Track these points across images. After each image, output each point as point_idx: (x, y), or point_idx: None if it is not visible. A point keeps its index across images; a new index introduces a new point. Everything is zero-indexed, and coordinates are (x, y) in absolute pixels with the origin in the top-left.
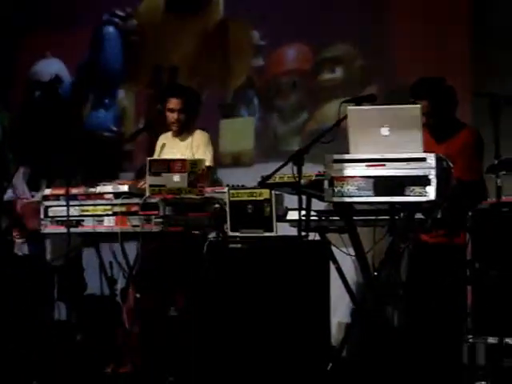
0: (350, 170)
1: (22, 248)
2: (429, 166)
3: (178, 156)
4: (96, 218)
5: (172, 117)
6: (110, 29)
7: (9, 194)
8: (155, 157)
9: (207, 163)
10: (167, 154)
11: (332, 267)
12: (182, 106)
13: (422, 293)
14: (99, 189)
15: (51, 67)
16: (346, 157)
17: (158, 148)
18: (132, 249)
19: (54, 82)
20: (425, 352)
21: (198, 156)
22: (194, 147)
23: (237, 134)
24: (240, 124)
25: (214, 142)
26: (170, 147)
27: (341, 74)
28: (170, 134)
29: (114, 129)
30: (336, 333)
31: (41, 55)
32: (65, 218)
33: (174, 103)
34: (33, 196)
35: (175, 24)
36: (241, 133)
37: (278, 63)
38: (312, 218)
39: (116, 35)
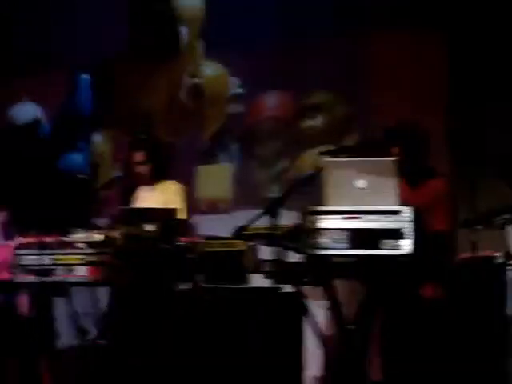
0: (326, 222)
1: None
2: (403, 219)
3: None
4: (68, 268)
5: (137, 170)
6: (84, 75)
7: None
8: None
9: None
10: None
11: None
12: (146, 159)
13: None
14: (72, 237)
15: (27, 111)
16: (322, 209)
17: (135, 199)
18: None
19: (32, 125)
20: None
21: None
22: (166, 199)
23: (213, 180)
24: (217, 170)
25: (191, 188)
26: (144, 199)
27: (321, 121)
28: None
29: (87, 171)
30: None
31: (16, 100)
32: (37, 267)
33: (137, 156)
34: (7, 245)
35: (149, 70)
36: (217, 179)
37: (259, 110)
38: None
39: (89, 81)
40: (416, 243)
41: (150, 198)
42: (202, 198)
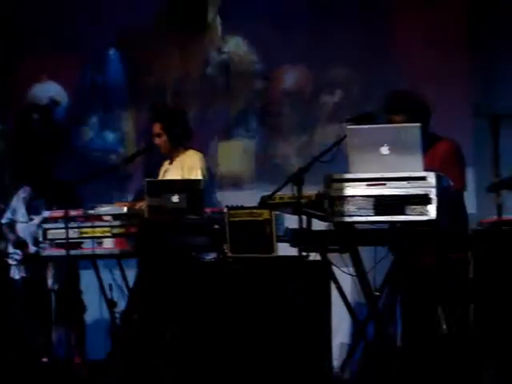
0: (350, 190)
1: (18, 271)
2: (429, 184)
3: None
4: (95, 240)
5: (156, 141)
6: (112, 51)
7: (7, 217)
8: None
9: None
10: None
11: (333, 287)
12: (163, 130)
13: (422, 311)
14: (97, 211)
15: (48, 90)
16: (346, 176)
17: (160, 173)
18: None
19: (50, 105)
20: (427, 372)
21: (190, 177)
22: (185, 169)
23: (236, 156)
24: (239, 146)
25: (214, 164)
26: (166, 171)
27: (340, 96)
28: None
29: (120, 151)
30: (338, 354)
31: (37, 78)
32: (64, 241)
33: (155, 128)
34: (32, 219)
35: (177, 44)
36: (240, 155)
37: (278, 85)
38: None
39: (118, 58)
40: (439, 208)
41: (170, 170)
42: (225, 174)
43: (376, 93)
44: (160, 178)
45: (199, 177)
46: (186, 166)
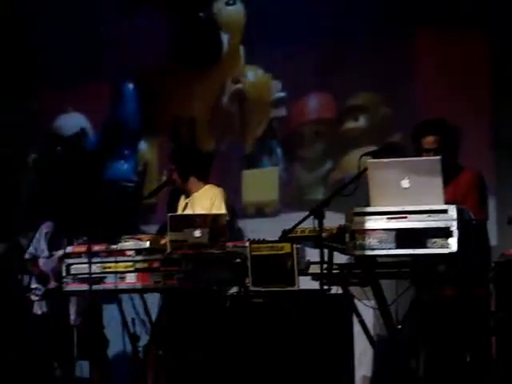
0: (372, 223)
1: (40, 306)
2: (450, 217)
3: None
4: (118, 275)
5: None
6: (129, 85)
7: (30, 252)
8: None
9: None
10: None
11: (355, 320)
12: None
13: (445, 344)
14: (120, 245)
15: (73, 121)
16: (367, 210)
17: (179, 208)
18: (154, 304)
19: (78, 136)
20: None
21: (213, 210)
22: (200, 203)
23: (260, 184)
24: (264, 175)
25: (237, 192)
26: (185, 206)
27: (364, 122)
28: None
29: (134, 179)
30: None
31: (62, 110)
32: (86, 276)
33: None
34: (52, 255)
35: (193, 76)
36: (264, 183)
37: (301, 113)
38: (334, 271)
39: (134, 90)
40: (462, 241)
41: (188, 205)
42: (249, 202)
43: (401, 118)
44: (179, 212)
45: (219, 210)
46: (203, 201)
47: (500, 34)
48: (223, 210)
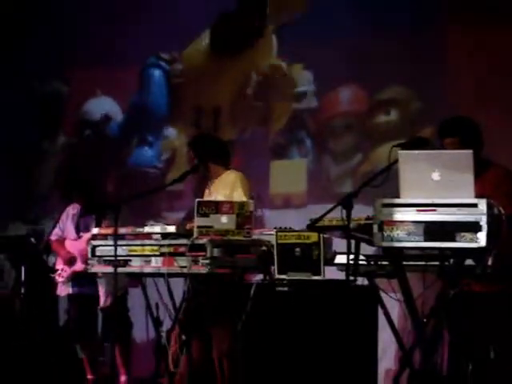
0: (400, 215)
1: (65, 288)
2: (480, 211)
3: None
4: (143, 258)
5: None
6: (156, 71)
7: (56, 233)
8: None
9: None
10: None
11: (380, 313)
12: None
13: (470, 340)
14: (147, 229)
15: (102, 106)
16: (396, 201)
17: (205, 194)
18: (178, 289)
19: (103, 121)
20: None
21: (235, 197)
22: (222, 188)
23: (289, 175)
24: (292, 166)
25: (265, 183)
26: (210, 191)
27: (396, 116)
28: None
29: (159, 165)
30: (383, 380)
31: (91, 93)
32: (112, 258)
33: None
34: (80, 236)
35: (219, 64)
36: (293, 175)
37: (333, 105)
38: (360, 262)
39: (161, 77)
40: (491, 236)
41: (211, 190)
42: (276, 193)
43: (431, 112)
44: (205, 197)
45: (240, 195)
46: (223, 186)
47: None
48: (242, 194)
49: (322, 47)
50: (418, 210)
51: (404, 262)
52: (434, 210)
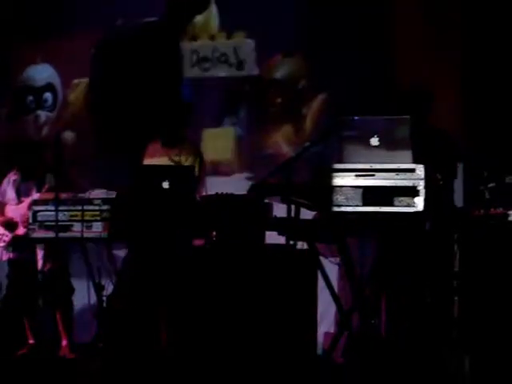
0: (339, 180)
1: (6, 253)
2: (417, 176)
3: None
4: (84, 224)
5: None
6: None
7: None
8: None
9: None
10: None
11: (320, 277)
12: None
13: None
14: (88, 194)
15: (43, 73)
16: (335, 167)
17: None
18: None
19: (47, 86)
20: (412, 362)
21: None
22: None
23: (217, 142)
24: (227, 134)
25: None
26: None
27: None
28: None
29: None
30: (322, 342)
31: (32, 61)
32: (53, 223)
33: None
34: (21, 201)
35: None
36: (221, 142)
37: (270, 74)
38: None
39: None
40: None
41: None
42: (211, 161)
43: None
44: None
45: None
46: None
47: None
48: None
49: (263, 16)
50: (356, 176)
51: (343, 227)
52: (373, 175)
